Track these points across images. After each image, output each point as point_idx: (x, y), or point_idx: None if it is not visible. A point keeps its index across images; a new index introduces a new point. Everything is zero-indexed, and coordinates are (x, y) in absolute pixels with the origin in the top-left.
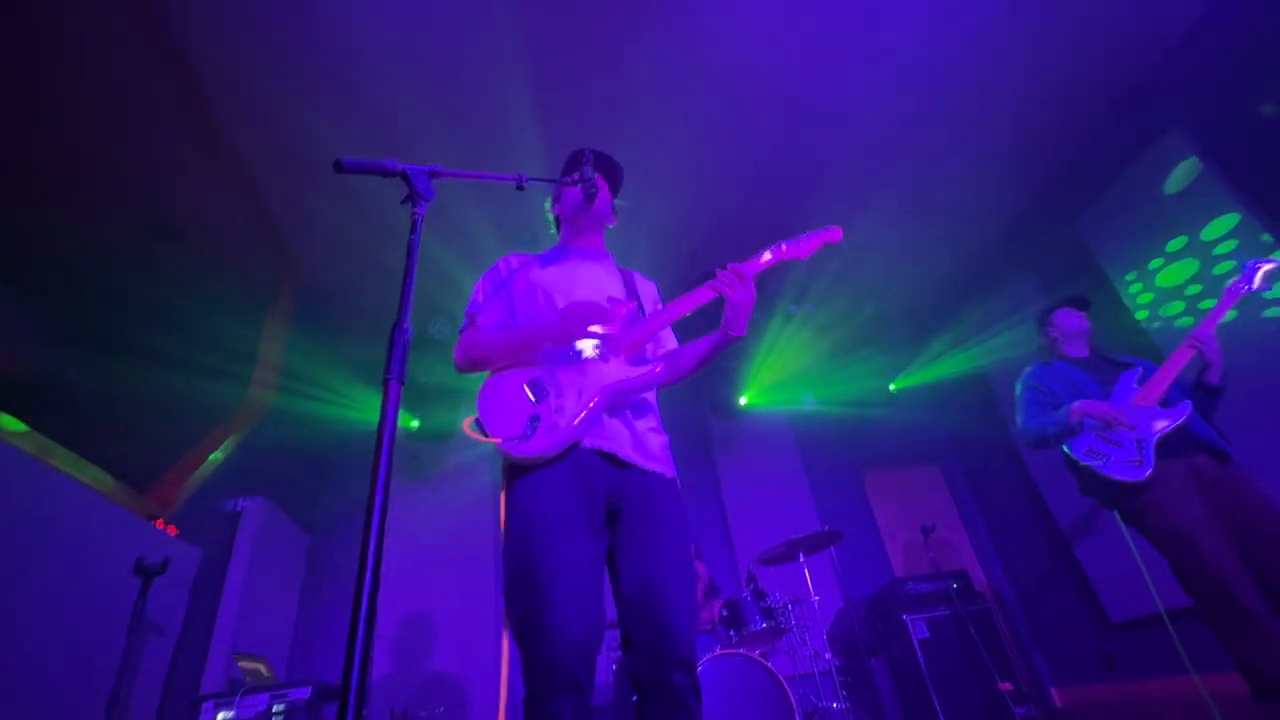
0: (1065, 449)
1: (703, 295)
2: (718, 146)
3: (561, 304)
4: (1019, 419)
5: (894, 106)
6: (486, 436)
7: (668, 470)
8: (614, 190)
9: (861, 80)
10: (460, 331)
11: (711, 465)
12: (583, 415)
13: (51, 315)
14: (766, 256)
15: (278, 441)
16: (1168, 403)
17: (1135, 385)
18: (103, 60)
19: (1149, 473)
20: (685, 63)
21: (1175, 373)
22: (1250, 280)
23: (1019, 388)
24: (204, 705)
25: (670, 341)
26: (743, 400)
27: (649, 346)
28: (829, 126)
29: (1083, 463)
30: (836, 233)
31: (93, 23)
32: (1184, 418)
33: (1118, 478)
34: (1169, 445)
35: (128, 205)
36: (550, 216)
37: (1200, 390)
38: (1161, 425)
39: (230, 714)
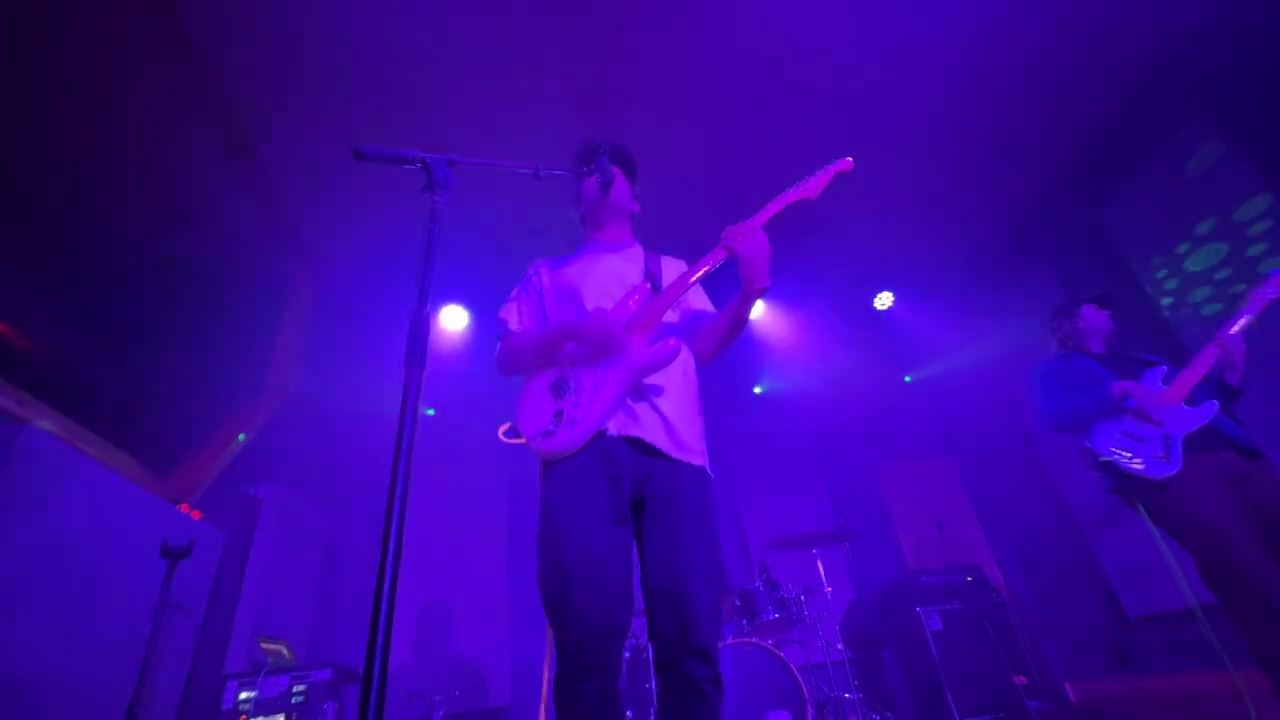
0: (1088, 444)
1: (714, 258)
2: (723, 132)
3: (583, 299)
4: (1042, 404)
5: (905, 96)
6: (518, 437)
7: (698, 458)
8: (631, 178)
9: (874, 69)
10: (498, 339)
11: (724, 455)
12: (599, 404)
13: (75, 302)
14: (776, 203)
15: (298, 427)
16: (1194, 401)
17: (1160, 384)
18: (117, 49)
19: (1176, 470)
20: (692, 52)
21: (1202, 373)
22: (1277, 288)
23: (1038, 376)
24: (228, 684)
25: (694, 312)
26: (757, 389)
27: (679, 324)
28: (839, 112)
29: (1104, 458)
30: (847, 163)
31: (106, 9)
32: (1211, 416)
33: (1144, 474)
34: (1195, 442)
35: (146, 192)
36: (576, 216)
37: (1221, 391)
38: (1189, 423)
39: (253, 694)
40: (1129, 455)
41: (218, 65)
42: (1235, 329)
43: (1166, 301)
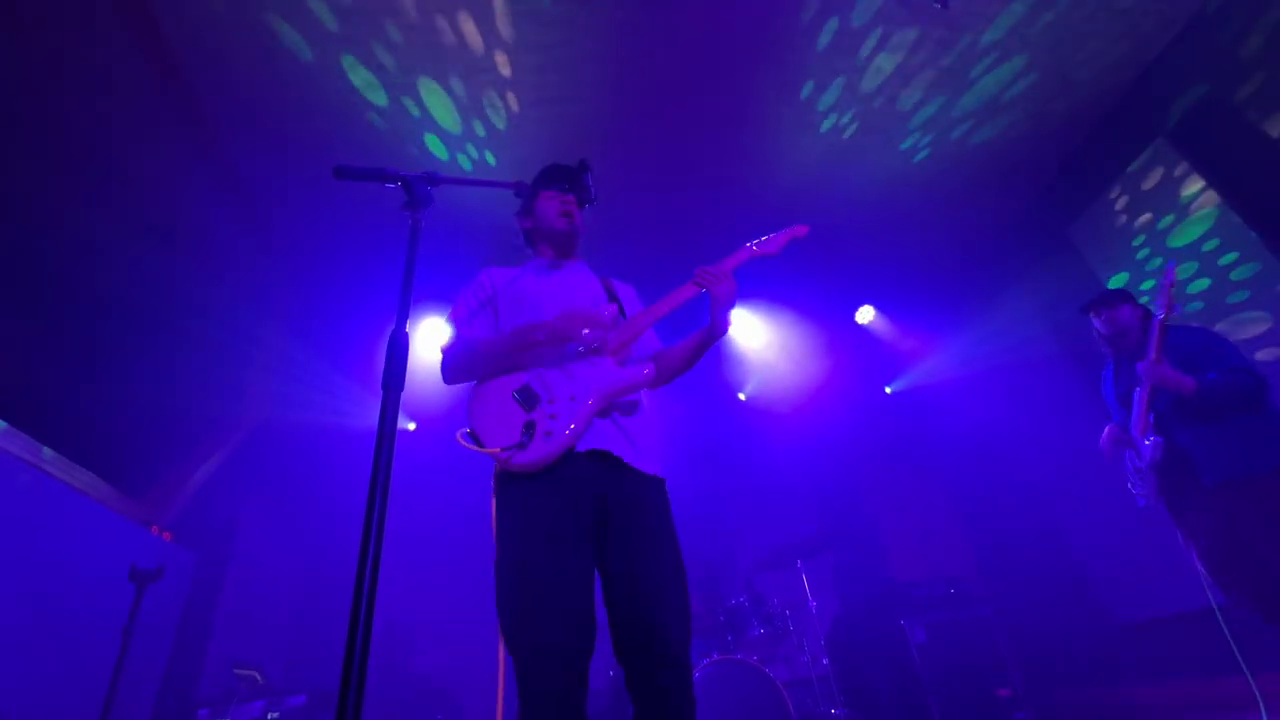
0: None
1: (685, 293)
2: (699, 146)
3: (551, 312)
4: None
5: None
6: (481, 446)
7: (658, 469)
8: (587, 199)
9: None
10: (445, 347)
11: (713, 470)
12: (578, 419)
13: (40, 319)
14: (741, 253)
15: (274, 447)
16: (1148, 432)
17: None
18: (96, 67)
19: (1143, 504)
20: (658, 66)
21: (1144, 407)
22: (1171, 276)
23: None
24: (199, 713)
25: (654, 341)
26: (741, 396)
27: (634, 347)
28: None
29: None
30: (802, 229)
31: (89, 25)
32: (1150, 456)
33: (1139, 505)
34: (1163, 472)
35: (122, 210)
36: (524, 228)
37: (1186, 407)
38: (1143, 460)
39: None
40: (1131, 483)
41: (199, 84)
42: (1146, 361)
43: (1148, 285)
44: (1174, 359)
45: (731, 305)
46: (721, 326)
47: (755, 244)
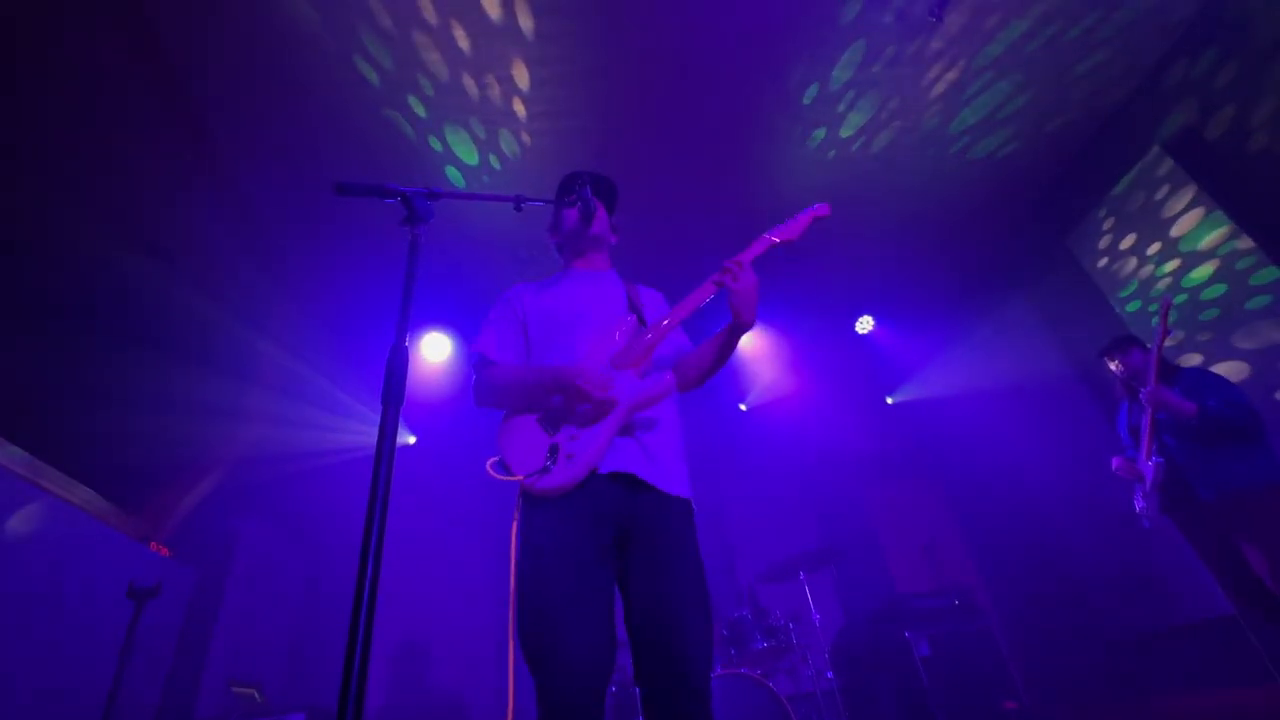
0: None
1: (704, 293)
2: (698, 157)
3: (569, 329)
4: None
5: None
6: (510, 474)
7: (683, 490)
8: (610, 209)
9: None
10: (475, 368)
11: (713, 481)
12: (599, 441)
13: (43, 336)
14: (760, 243)
15: (274, 462)
16: (1152, 455)
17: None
18: (97, 84)
19: (1149, 525)
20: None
21: (1148, 432)
22: (1164, 312)
23: None
24: None
25: (683, 343)
26: (742, 407)
27: (665, 355)
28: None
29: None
30: (824, 208)
31: (88, 32)
32: (1152, 477)
33: (1144, 526)
34: (1169, 492)
35: (122, 226)
36: (552, 244)
37: (1187, 436)
38: (1147, 483)
39: None
40: (1139, 511)
41: (202, 98)
42: (1148, 387)
43: (1158, 290)
44: (1178, 392)
45: (754, 298)
46: (745, 318)
47: (774, 233)
